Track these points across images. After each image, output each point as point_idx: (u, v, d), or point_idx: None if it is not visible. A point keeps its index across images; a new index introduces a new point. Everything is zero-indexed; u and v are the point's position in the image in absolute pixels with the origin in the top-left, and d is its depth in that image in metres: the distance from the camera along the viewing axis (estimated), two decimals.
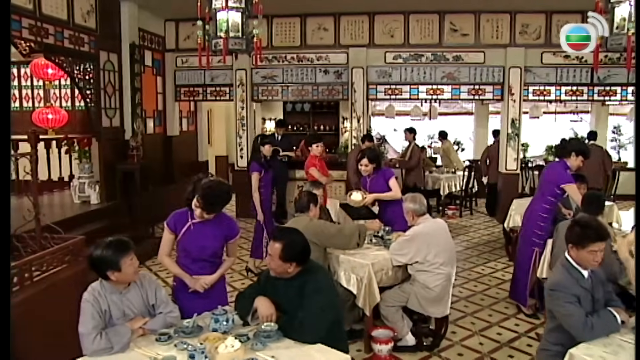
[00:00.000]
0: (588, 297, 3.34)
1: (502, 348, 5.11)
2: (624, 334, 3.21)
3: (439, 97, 10.67)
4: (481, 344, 5.19)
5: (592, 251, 3.29)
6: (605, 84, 10.35)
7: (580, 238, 3.32)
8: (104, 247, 3.22)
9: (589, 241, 3.29)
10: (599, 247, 3.30)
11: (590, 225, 3.36)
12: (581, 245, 3.30)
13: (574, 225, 3.39)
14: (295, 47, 10.67)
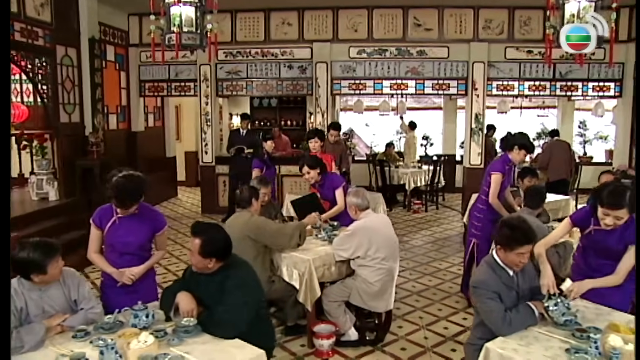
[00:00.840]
0: (512, 293, 3.36)
1: (446, 342, 5.13)
2: (541, 327, 3.23)
3: (404, 92, 10.71)
4: (426, 338, 5.21)
5: (519, 253, 3.30)
6: (566, 79, 10.44)
7: (508, 240, 3.31)
8: (29, 249, 3.16)
9: (517, 244, 3.29)
10: (526, 250, 3.32)
11: (519, 228, 3.35)
12: (509, 248, 3.30)
13: (503, 226, 3.39)
14: (260, 42, 10.62)
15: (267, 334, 3.65)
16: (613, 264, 3.60)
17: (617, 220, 3.40)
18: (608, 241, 3.60)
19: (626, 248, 3.54)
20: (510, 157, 5.71)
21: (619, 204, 3.36)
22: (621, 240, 3.54)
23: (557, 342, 3.03)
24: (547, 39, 6.76)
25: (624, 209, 3.36)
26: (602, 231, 3.57)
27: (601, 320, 3.28)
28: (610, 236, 3.57)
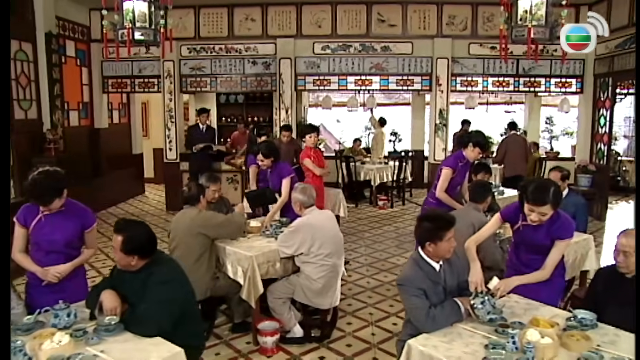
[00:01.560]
0: (438, 288, 3.35)
1: (392, 338, 5.08)
2: (467, 323, 3.22)
3: (368, 87, 10.69)
4: (373, 335, 5.19)
5: (448, 239, 3.31)
6: (530, 75, 10.51)
7: (435, 232, 3.31)
8: None
9: (444, 230, 3.30)
10: (452, 234, 3.33)
11: (436, 216, 3.40)
12: (438, 238, 3.30)
13: (421, 223, 3.39)
14: (223, 38, 10.54)
15: (196, 333, 3.61)
16: (543, 259, 3.62)
17: (541, 217, 3.42)
18: (536, 237, 3.61)
19: (553, 243, 3.55)
20: (464, 154, 5.73)
21: (543, 200, 3.38)
22: (547, 235, 3.56)
23: (480, 338, 3.02)
24: (501, 35, 6.79)
25: (548, 205, 3.38)
26: (529, 227, 3.58)
27: (529, 315, 3.29)
28: (538, 232, 3.58)
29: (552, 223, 3.52)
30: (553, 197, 3.38)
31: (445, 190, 5.74)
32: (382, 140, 12.62)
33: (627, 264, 3.44)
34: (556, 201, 3.41)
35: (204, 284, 4.80)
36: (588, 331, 3.08)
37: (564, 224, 3.57)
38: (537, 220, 3.44)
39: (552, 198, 3.38)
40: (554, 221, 3.52)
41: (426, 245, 3.36)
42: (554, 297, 3.79)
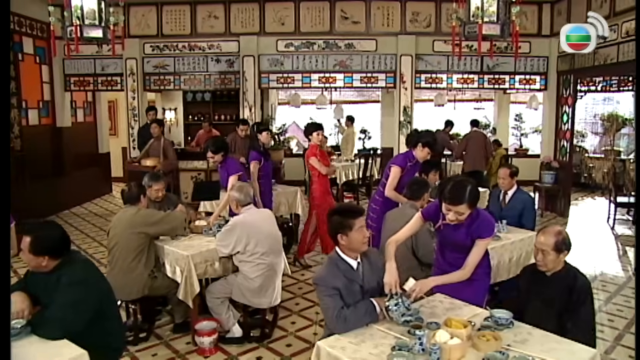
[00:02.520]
0: (355, 287, 3.29)
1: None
2: (383, 323, 3.18)
3: (332, 85, 10.65)
4: (315, 334, 5.14)
5: (359, 228, 3.24)
6: (494, 72, 10.52)
7: (344, 222, 3.25)
8: None
9: (352, 219, 3.23)
10: (361, 223, 3.27)
11: (343, 208, 3.35)
12: (348, 228, 3.23)
13: (331, 216, 3.33)
14: (186, 36, 10.44)
15: (113, 333, 3.53)
16: (462, 255, 3.58)
17: (458, 216, 3.38)
18: (456, 236, 3.57)
19: (473, 242, 3.52)
20: (414, 154, 5.71)
21: (459, 199, 3.34)
22: (468, 235, 3.52)
23: (391, 340, 2.96)
24: (453, 31, 6.79)
25: (464, 204, 3.34)
26: (450, 226, 3.54)
27: (450, 315, 3.25)
28: (458, 231, 3.54)
29: (472, 222, 3.48)
30: (469, 197, 3.34)
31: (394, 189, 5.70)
32: (353, 139, 12.56)
33: (545, 262, 3.43)
34: (472, 200, 3.37)
35: (141, 283, 4.74)
36: (503, 331, 3.04)
37: (483, 222, 3.52)
38: (455, 219, 3.40)
39: (469, 197, 3.34)
40: (473, 220, 3.48)
41: (338, 238, 3.29)
42: (479, 297, 3.75)
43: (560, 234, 3.43)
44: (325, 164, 6.90)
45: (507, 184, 5.77)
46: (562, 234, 3.43)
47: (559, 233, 3.43)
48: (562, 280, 3.41)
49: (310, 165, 6.88)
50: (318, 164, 6.80)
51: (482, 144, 10.26)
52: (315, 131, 6.92)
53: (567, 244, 3.42)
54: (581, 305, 3.32)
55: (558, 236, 3.40)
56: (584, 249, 8.06)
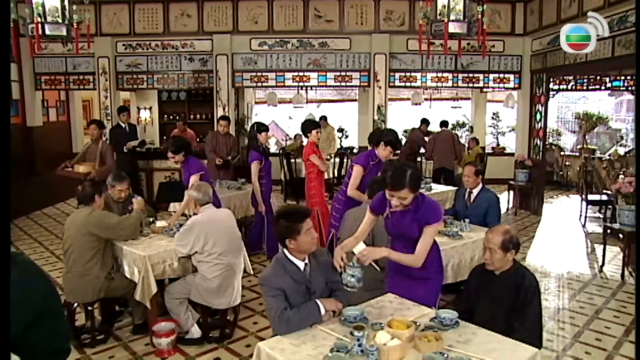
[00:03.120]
0: (302, 288, 3.27)
1: None
2: (328, 324, 3.15)
3: (305, 84, 10.64)
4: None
5: (307, 231, 3.22)
6: (468, 71, 10.55)
7: (292, 226, 3.23)
8: None
9: (299, 223, 3.21)
10: (309, 225, 3.26)
11: (292, 211, 3.32)
12: (296, 232, 3.22)
13: (278, 220, 3.30)
14: (159, 34, 10.37)
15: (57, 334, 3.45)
16: (412, 248, 3.55)
17: (402, 201, 3.36)
18: (403, 224, 3.52)
19: (421, 230, 3.50)
20: (376, 152, 5.70)
21: (400, 184, 3.32)
22: (414, 221, 3.49)
23: (333, 341, 2.94)
24: (420, 30, 6.79)
25: (405, 189, 3.32)
26: (396, 214, 3.53)
27: (398, 316, 3.23)
28: (404, 218, 3.51)
29: (417, 208, 3.47)
30: (410, 181, 3.32)
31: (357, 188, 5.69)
32: (334, 137, 12.54)
33: (492, 261, 3.42)
34: (414, 185, 3.35)
35: (97, 284, 4.69)
36: (448, 331, 3.03)
37: (430, 208, 3.50)
38: (399, 205, 3.39)
39: (409, 182, 3.32)
40: (419, 206, 3.47)
41: (287, 242, 3.28)
42: (432, 296, 3.74)
43: (508, 232, 3.42)
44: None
45: (472, 182, 5.77)
46: (509, 233, 3.43)
47: (506, 232, 3.42)
48: (510, 279, 3.40)
49: (310, 162, 6.85)
50: (319, 161, 6.80)
51: (450, 143, 10.31)
52: (314, 129, 6.95)
53: (515, 243, 3.41)
54: (528, 304, 3.32)
55: (505, 235, 3.39)
56: (554, 247, 8.11)
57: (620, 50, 7.48)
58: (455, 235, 5.11)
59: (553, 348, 4.77)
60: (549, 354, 4.66)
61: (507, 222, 9.70)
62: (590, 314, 5.56)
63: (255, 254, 7.10)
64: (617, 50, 7.56)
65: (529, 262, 7.32)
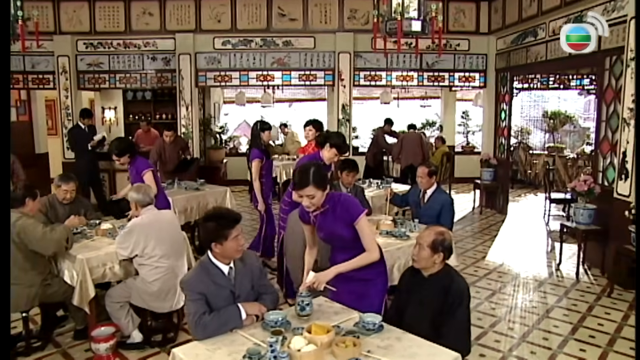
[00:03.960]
0: (225, 293, 3.18)
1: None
2: (249, 329, 3.07)
3: (270, 83, 10.54)
4: None
5: (234, 237, 3.16)
6: (433, 69, 10.52)
7: (220, 231, 3.15)
8: None
9: (228, 229, 3.14)
10: (238, 232, 3.19)
11: (222, 215, 3.24)
12: (223, 237, 3.14)
13: (206, 223, 3.22)
14: (121, 33, 10.18)
15: None
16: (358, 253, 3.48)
17: (311, 200, 3.30)
18: (328, 226, 3.46)
19: (350, 227, 3.44)
20: (321, 154, 5.64)
21: (304, 182, 3.27)
22: (336, 221, 3.43)
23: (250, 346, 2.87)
24: (374, 28, 6.73)
25: (310, 185, 3.25)
26: (319, 218, 3.47)
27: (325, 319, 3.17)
28: (326, 220, 3.45)
29: (335, 208, 3.42)
30: (314, 177, 3.26)
31: None
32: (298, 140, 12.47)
33: (418, 257, 3.36)
34: (318, 180, 3.28)
35: (31, 293, 4.52)
36: (371, 336, 2.97)
37: (346, 202, 3.46)
38: (310, 205, 3.33)
39: (313, 178, 3.25)
40: (336, 206, 3.42)
41: (212, 246, 3.20)
42: (379, 297, 3.67)
43: (442, 234, 3.34)
44: None
45: (426, 182, 5.73)
46: (444, 235, 3.35)
47: (441, 233, 3.35)
48: (439, 282, 3.33)
49: None
50: None
51: (418, 143, 10.32)
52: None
53: (446, 247, 3.32)
54: (456, 309, 3.24)
55: (439, 235, 3.32)
56: (515, 245, 8.10)
57: None
58: (402, 235, 5.06)
59: (499, 348, 4.74)
60: (494, 355, 4.63)
61: (473, 220, 9.73)
62: (541, 313, 5.54)
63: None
64: None
65: (488, 261, 7.32)
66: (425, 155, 10.40)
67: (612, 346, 4.79)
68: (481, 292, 6.15)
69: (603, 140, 6.92)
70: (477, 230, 9.06)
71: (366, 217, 3.53)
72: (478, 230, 9.02)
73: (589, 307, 5.73)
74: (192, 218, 7.53)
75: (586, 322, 5.32)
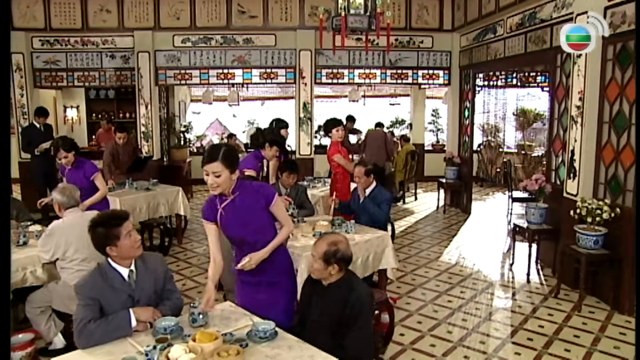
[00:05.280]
0: (122, 297, 3.07)
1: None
2: (138, 336, 2.96)
3: (231, 81, 10.38)
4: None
5: (127, 234, 3.09)
6: (396, 67, 10.40)
7: (107, 232, 3.07)
8: None
9: (117, 227, 3.07)
10: (128, 227, 3.13)
11: (108, 217, 3.17)
12: (116, 238, 3.06)
13: (94, 229, 3.10)
14: (78, 30, 9.97)
15: None
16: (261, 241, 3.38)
17: (216, 178, 3.12)
18: (239, 215, 3.30)
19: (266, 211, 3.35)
20: (263, 154, 5.54)
21: (212, 157, 3.11)
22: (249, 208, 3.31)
23: (132, 352, 2.75)
24: (320, 24, 6.61)
25: (217, 161, 3.09)
26: (228, 208, 3.30)
27: (223, 326, 3.06)
28: (238, 211, 3.29)
29: (245, 195, 3.28)
30: (224, 155, 3.12)
31: None
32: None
33: (312, 268, 3.24)
34: (226, 159, 3.13)
35: None
36: (262, 343, 2.86)
37: (258, 188, 3.40)
38: (214, 183, 3.15)
39: (223, 155, 3.12)
40: (246, 192, 3.29)
41: (108, 250, 3.08)
42: (285, 301, 3.54)
43: (335, 245, 3.17)
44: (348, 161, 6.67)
45: (364, 182, 5.64)
46: (337, 245, 3.17)
47: (334, 244, 3.18)
48: (338, 291, 3.18)
49: (335, 162, 6.62)
50: (344, 160, 6.57)
51: (382, 142, 10.23)
52: (334, 127, 6.71)
53: (339, 258, 3.16)
54: (356, 319, 3.08)
55: (331, 246, 3.15)
56: (473, 246, 8.01)
57: (531, 46, 7.42)
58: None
59: (433, 353, 4.63)
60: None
61: (435, 220, 9.64)
62: (483, 316, 5.44)
63: None
64: (529, 47, 7.51)
65: (441, 262, 7.21)
66: (389, 155, 10.30)
67: (548, 348, 4.70)
68: (427, 294, 6.03)
69: (555, 139, 6.84)
70: (437, 229, 8.96)
71: (279, 199, 3.46)
72: (438, 230, 8.92)
73: (534, 308, 5.64)
74: (141, 218, 7.39)
75: (528, 324, 5.24)
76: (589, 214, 5.43)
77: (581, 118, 5.91)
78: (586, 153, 5.90)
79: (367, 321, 3.16)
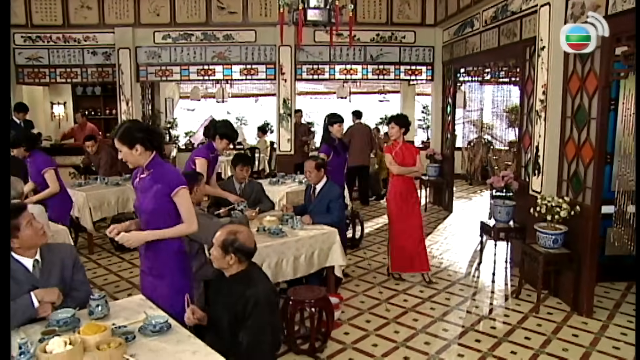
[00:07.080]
0: (25, 289, 3.01)
1: None
2: (30, 327, 2.91)
3: (211, 77, 10.33)
4: None
5: (27, 224, 3.07)
6: (378, 62, 10.28)
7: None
8: None
9: (14, 219, 3.01)
10: (26, 217, 3.09)
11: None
12: (16, 228, 3.02)
13: None
14: (59, 26, 9.95)
15: None
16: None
17: (121, 154, 3.29)
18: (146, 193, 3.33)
19: (165, 199, 3.31)
20: (214, 145, 5.49)
21: (114, 134, 3.33)
22: (151, 189, 3.31)
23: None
24: (281, 18, 6.53)
25: (115, 138, 3.28)
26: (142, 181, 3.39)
27: (122, 320, 2.99)
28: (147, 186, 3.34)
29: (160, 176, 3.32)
30: (121, 133, 3.26)
31: None
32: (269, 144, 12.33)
33: (212, 257, 3.21)
34: (122, 136, 3.26)
35: None
36: (153, 337, 2.79)
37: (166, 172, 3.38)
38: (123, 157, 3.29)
39: (120, 134, 3.27)
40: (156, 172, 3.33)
41: (11, 244, 3.04)
42: (172, 295, 3.39)
43: (234, 234, 3.11)
44: (401, 163, 6.05)
45: (314, 177, 5.56)
46: (236, 235, 3.11)
47: (233, 233, 3.13)
48: (236, 285, 3.11)
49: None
50: (390, 161, 6.09)
51: (367, 137, 10.02)
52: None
53: (237, 248, 3.10)
54: (249, 316, 2.99)
55: (230, 235, 3.10)
56: (446, 244, 7.89)
57: (504, 40, 7.29)
58: (278, 233, 4.84)
59: (374, 353, 4.52)
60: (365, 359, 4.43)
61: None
62: (436, 316, 5.30)
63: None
64: (501, 40, 7.37)
65: None
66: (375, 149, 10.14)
67: (494, 351, 4.56)
68: (384, 292, 5.92)
69: (525, 134, 6.68)
70: None
71: (185, 190, 3.38)
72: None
73: (490, 309, 5.52)
74: (109, 213, 7.40)
75: (480, 325, 5.11)
76: (549, 211, 5.29)
77: (544, 112, 5.78)
78: (550, 149, 5.77)
79: (261, 319, 3.04)
